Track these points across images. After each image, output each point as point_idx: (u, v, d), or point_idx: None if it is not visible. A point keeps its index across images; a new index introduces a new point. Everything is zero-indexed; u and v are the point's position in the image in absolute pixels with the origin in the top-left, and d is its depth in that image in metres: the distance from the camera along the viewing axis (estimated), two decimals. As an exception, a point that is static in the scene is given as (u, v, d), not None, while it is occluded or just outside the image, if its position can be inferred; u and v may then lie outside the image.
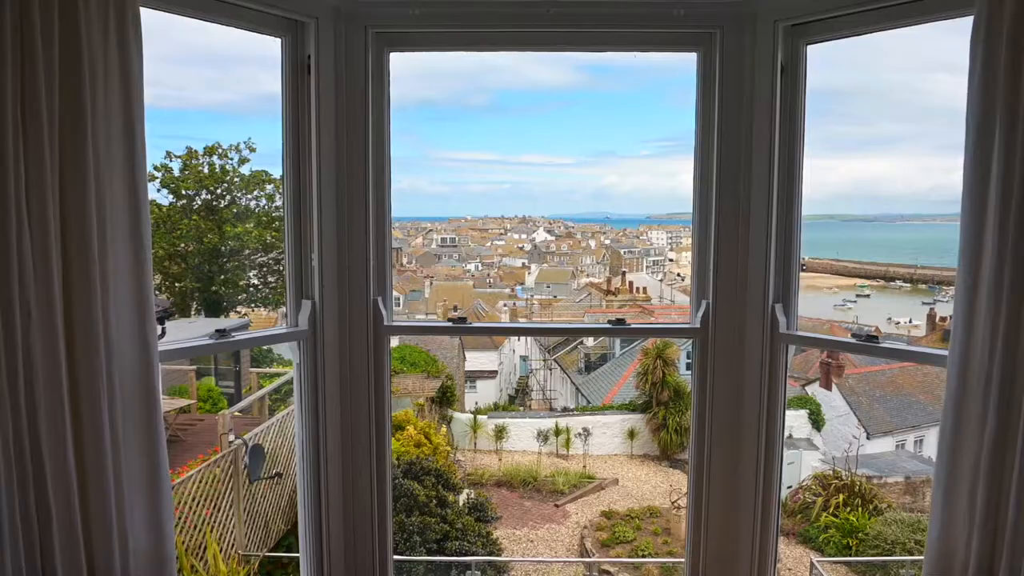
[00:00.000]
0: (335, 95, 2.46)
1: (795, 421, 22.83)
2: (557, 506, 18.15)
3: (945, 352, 1.91)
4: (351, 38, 2.45)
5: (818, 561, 12.22)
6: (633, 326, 2.57)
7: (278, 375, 16.52)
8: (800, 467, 21.25)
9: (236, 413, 13.03)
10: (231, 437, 9.65)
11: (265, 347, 25.27)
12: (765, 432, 2.52)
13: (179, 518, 8.79)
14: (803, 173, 2.47)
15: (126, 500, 1.77)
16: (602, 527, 15.64)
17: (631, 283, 43.47)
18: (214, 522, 9.22)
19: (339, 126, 2.48)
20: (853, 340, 2.32)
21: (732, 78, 2.45)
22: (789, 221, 2.47)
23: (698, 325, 2.55)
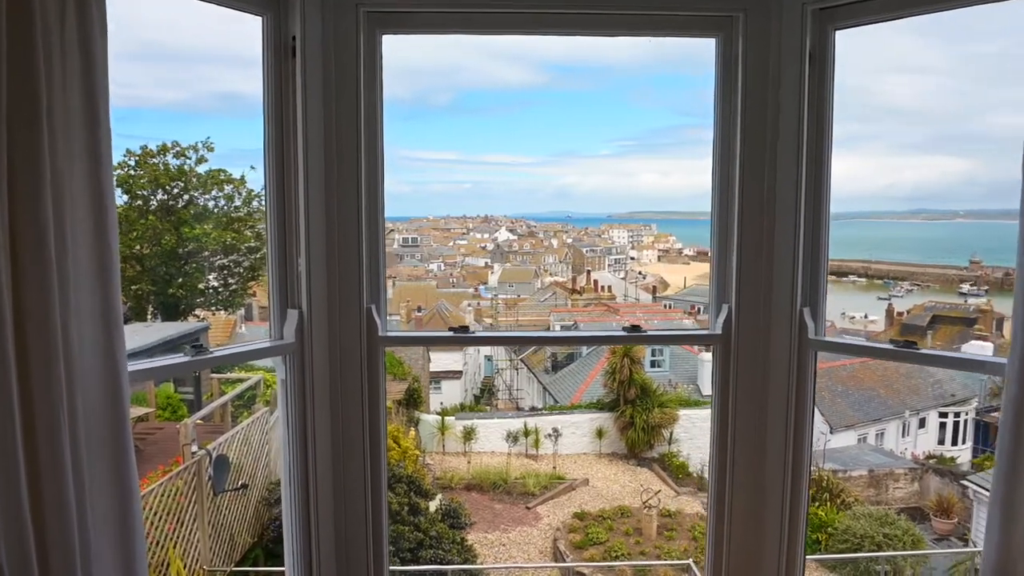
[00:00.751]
0: (323, 81, 2.21)
1: (761, 417, 23.01)
2: (528, 508, 17.98)
3: (1004, 360, 1.75)
4: (340, 18, 2.20)
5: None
6: (649, 333, 2.38)
7: (240, 380, 16.00)
8: (766, 463, 21.43)
9: (198, 421, 12.59)
10: (194, 448, 9.24)
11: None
12: (793, 445, 2.34)
13: (140, 533, 8.38)
14: (831, 168, 2.30)
15: (92, 550, 1.50)
16: (575, 529, 15.51)
17: (596, 282, 43.61)
18: (177, 537, 8.81)
19: (327, 115, 2.23)
20: (890, 346, 2.16)
21: (756, 66, 2.27)
22: (817, 219, 2.30)
23: (719, 331, 2.37)
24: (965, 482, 14.93)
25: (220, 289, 24.72)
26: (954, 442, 25.35)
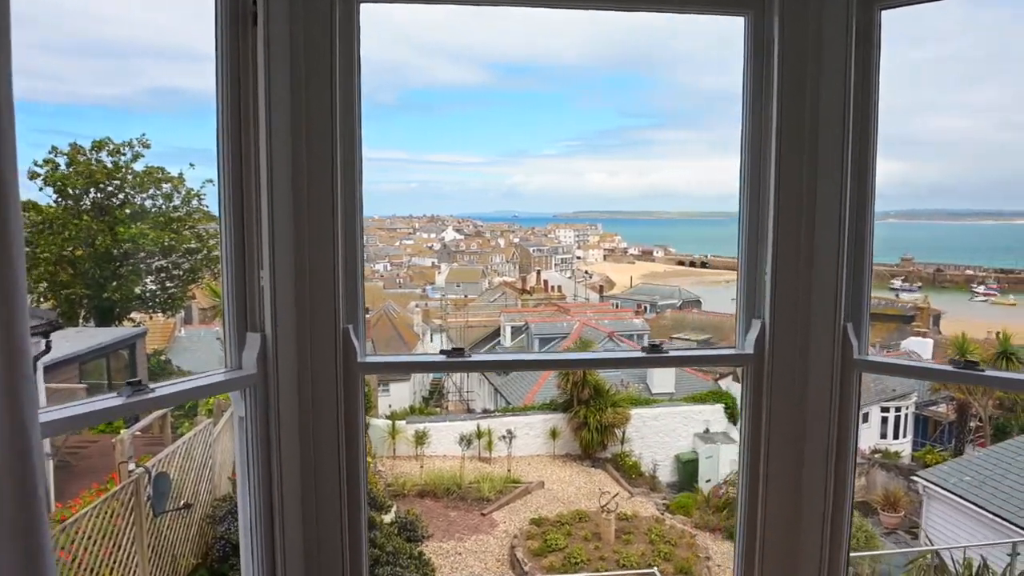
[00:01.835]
0: (290, 58, 1.83)
1: (712, 415, 23.23)
2: (483, 515, 17.62)
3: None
4: (311, -20, 1.82)
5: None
6: (671, 355, 2.06)
7: (182, 390, 15.24)
8: (718, 461, 21.62)
9: (136, 433, 11.87)
10: (131, 466, 8.59)
11: (164, 358, 23.63)
12: (834, 478, 2.06)
13: (73, 559, 7.74)
14: (876, 165, 2.02)
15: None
16: (532, 535, 15.22)
17: (546, 282, 43.55)
18: (114, 562, 8.16)
19: (296, 99, 1.85)
20: (950, 368, 1.89)
21: (793, 48, 1.98)
22: (861, 221, 2.02)
23: (750, 351, 2.07)
24: (915, 477, 15.18)
25: (158, 292, 23.69)
26: (895, 436, 25.98)
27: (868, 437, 25.36)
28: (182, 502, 9.35)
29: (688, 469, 21.97)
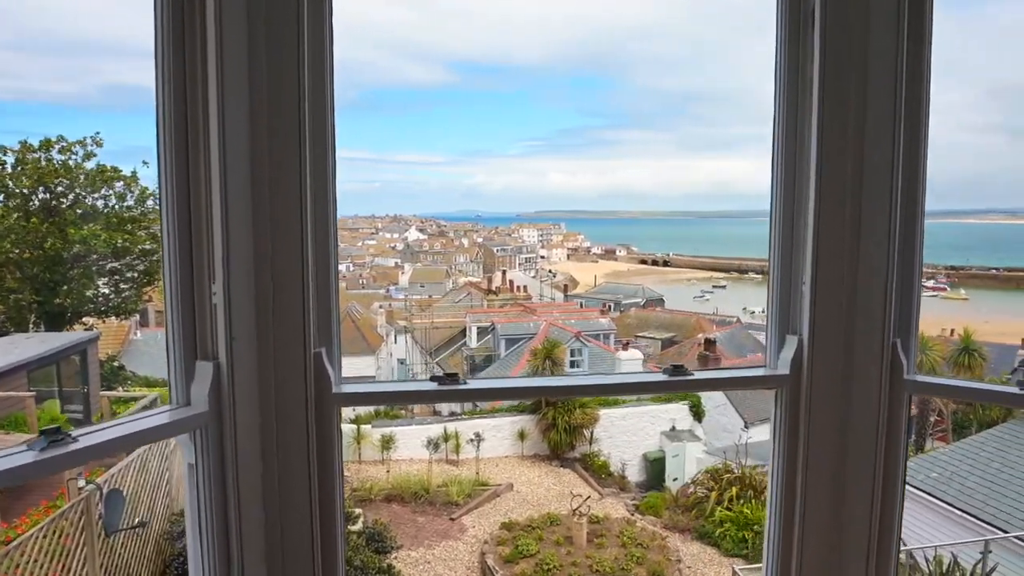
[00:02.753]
0: (247, 36, 1.50)
1: (677, 414, 23.24)
2: (452, 519, 17.26)
3: None
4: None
5: (741, 569, 12.05)
6: (697, 377, 1.78)
7: (135, 399, 14.58)
8: (684, 459, 21.64)
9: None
10: (81, 483, 8.06)
11: (117, 364, 22.84)
12: (880, 518, 1.80)
13: (20, 583, 7.24)
14: (927, 163, 1.77)
15: None
16: (503, 541, 14.91)
17: (511, 281, 43.32)
18: (63, 585, 7.66)
19: (255, 85, 1.52)
20: (1017, 390, 1.64)
21: (836, 26, 1.71)
22: (910, 225, 1.77)
23: (785, 371, 1.80)
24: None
25: (111, 295, 22.90)
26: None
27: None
28: (137, 520, 8.84)
29: (656, 468, 21.96)
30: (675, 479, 21.34)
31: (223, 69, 1.48)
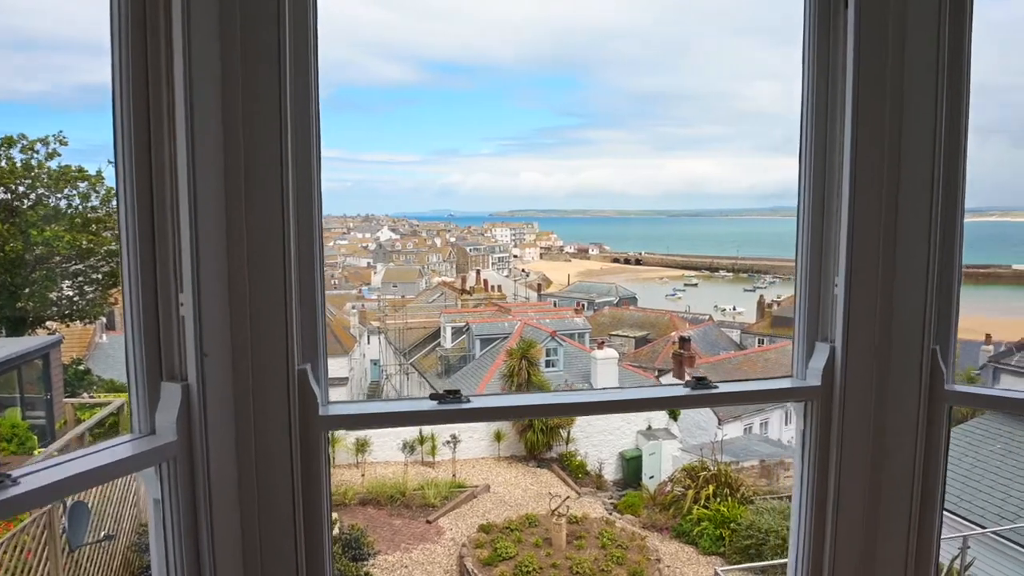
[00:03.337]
0: (219, 20, 1.31)
1: (653, 413, 23.26)
2: (429, 522, 17.03)
3: None
4: None
5: (723, 570, 11.99)
6: (721, 391, 1.62)
7: (100, 406, 14.11)
8: (660, 458, 21.66)
9: (53, 454, 10.91)
10: (42, 496, 7.71)
11: (83, 368, 22.25)
12: (917, 538, 1.66)
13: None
14: (967, 156, 1.62)
15: None
16: (481, 543, 14.72)
17: (486, 281, 43.14)
18: (23, 603, 7.31)
19: (227, 70, 1.33)
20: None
21: (872, 13, 1.56)
22: (949, 223, 1.62)
23: (816, 382, 1.65)
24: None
25: (76, 298, 22.29)
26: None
27: (805, 429, 25.68)
28: (103, 533, 8.49)
29: (632, 466, 21.96)
30: (651, 477, 21.36)
31: (191, 56, 1.28)
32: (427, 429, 21.55)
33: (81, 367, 21.47)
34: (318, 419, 1.44)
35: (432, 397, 1.49)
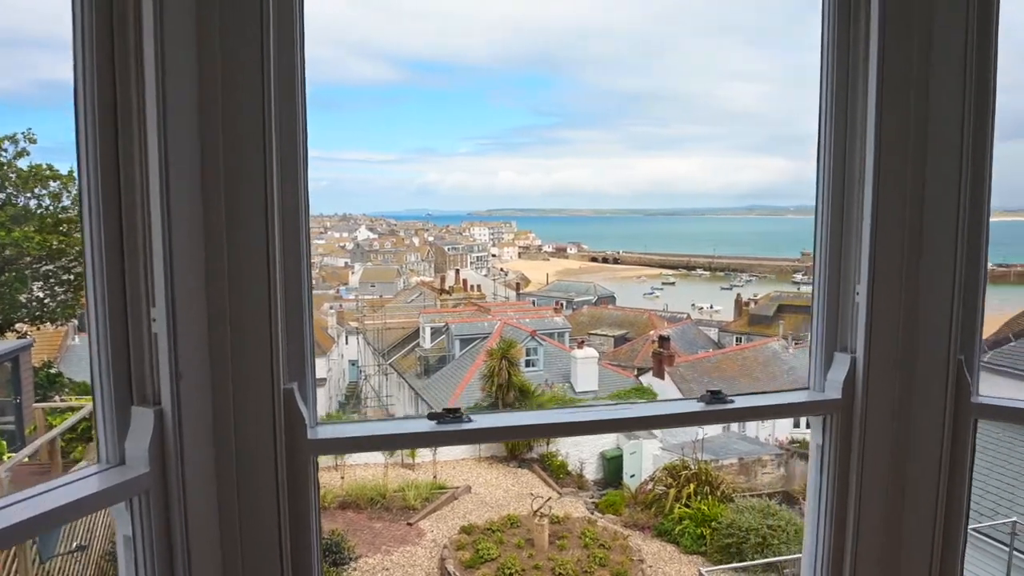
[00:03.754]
0: (195, 8, 1.18)
1: (635, 412, 23.29)
2: (410, 524, 16.87)
3: None
4: None
5: (708, 571, 11.97)
6: (738, 406, 1.51)
7: (72, 410, 13.76)
8: (641, 457, 21.68)
9: (24, 460, 10.63)
10: (9, 506, 7.46)
11: (54, 371, 21.79)
12: (941, 559, 1.57)
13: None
14: (993, 154, 1.54)
15: None
16: (463, 545, 14.58)
17: (465, 281, 42.99)
18: (-10, 619, 7.06)
19: (203, 60, 1.20)
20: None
21: (896, 6, 1.47)
22: (975, 227, 1.53)
23: (836, 395, 1.55)
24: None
25: (46, 300, 21.82)
26: (808, 426, 26.76)
27: (783, 427, 26.08)
28: (75, 544, 8.24)
29: (613, 465, 21.97)
30: (632, 476, 21.39)
31: (163, 48, 1.15)
32: (406, 430, 21.36)
33: (52, 370, 21.00)
34: (306, 443, 1.31)
35: (431, 416, 1.37)
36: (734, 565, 13.49)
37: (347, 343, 37.84)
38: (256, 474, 1.27)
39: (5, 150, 20.55)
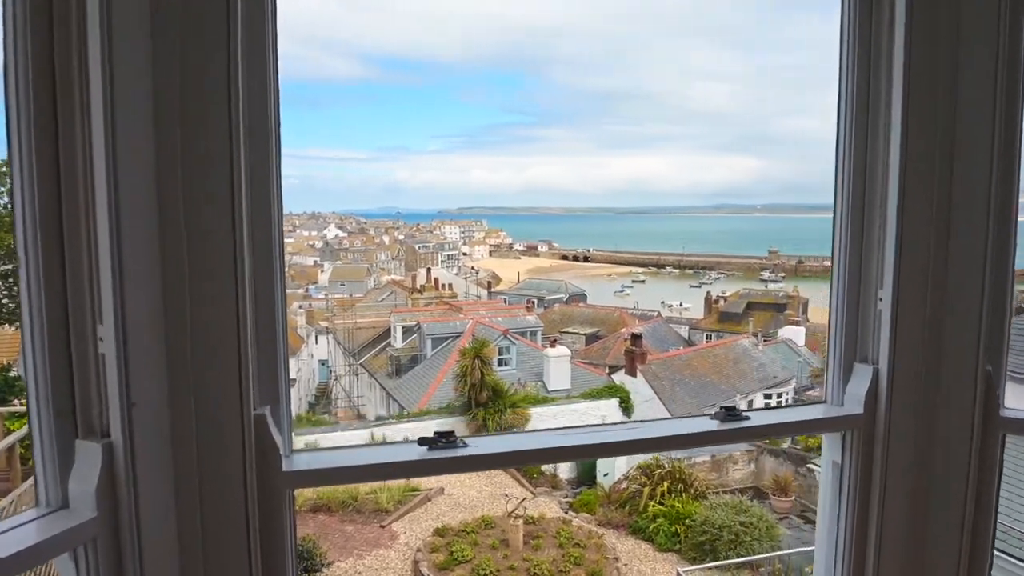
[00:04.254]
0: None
1: (607, 410, 23.30)
2: (383, 527, 16.65)
3: None
4: None
5: (685, 571, 11.94)
6: (756, 424, 1.39)
7: (31, 416, 13.34)
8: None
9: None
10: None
11: (13, 374, 21.18)
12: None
13: None
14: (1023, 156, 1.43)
15: None
16: (437, 547, 14.41)
17: (436, 279, 42.69)
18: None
19: (160, 54, 1.03)
20: None
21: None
22: (1003, 229, 1.43)
23: (858, 409, 1.44)
24: (811, 465, 15.54)
25: (4, 300, 21.19)
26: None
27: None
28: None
29: (587, 464, 21.96)
30: (605, 474, 21.40)
31: (110, 34, 0.99)
32: (379, 432, 21.10)
33: (11, 373, 20.38)
34: (281, 476, 1.16)
35: (421, 442, 1.23)
36: (710, 564, 13.49)
37: (317, 343, 37.36)
38: (223, 514, 1.11)
39: (-41, 147, 19.93)
